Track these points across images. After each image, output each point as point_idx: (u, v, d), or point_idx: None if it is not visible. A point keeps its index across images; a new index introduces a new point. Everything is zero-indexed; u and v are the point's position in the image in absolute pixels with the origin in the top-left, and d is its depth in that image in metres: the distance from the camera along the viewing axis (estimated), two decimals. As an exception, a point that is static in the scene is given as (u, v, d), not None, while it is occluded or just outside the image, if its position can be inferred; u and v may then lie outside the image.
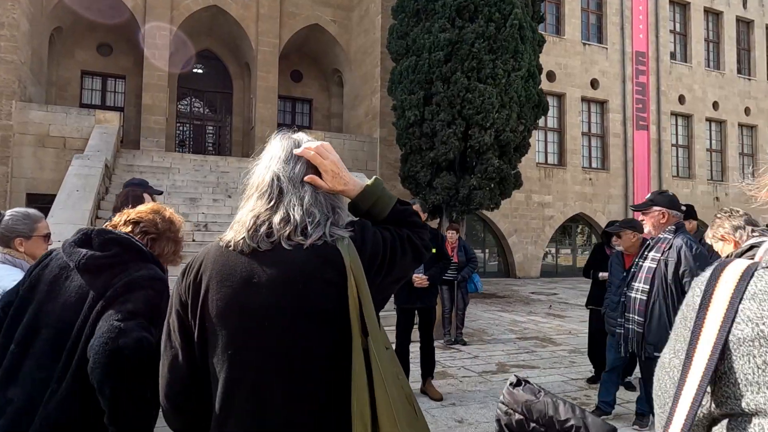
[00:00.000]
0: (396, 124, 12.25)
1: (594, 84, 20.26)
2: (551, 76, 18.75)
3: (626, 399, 4.58)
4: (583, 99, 20.09)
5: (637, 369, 3.93)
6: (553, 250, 19.85)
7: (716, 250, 2.58)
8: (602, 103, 20.56)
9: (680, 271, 2.96)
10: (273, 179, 1.17)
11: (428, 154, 11.55)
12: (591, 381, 5.11)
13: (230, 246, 1.14)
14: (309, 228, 1.13)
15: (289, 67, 18.82)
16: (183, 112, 18.27)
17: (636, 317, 3.10)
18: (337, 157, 1.23)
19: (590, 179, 19.95)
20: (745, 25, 23.85)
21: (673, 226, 3.11)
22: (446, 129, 11.16)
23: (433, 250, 4.68)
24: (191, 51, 16.88)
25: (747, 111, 23.46)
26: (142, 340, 1.41)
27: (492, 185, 11.53)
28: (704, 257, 2.96)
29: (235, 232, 1.15)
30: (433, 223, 13.41)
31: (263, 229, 1.13)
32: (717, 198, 22.37)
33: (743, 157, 23.52)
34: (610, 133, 20.46)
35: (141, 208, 1.80)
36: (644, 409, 3.83)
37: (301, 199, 1.15)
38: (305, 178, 1.18)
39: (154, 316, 1.49)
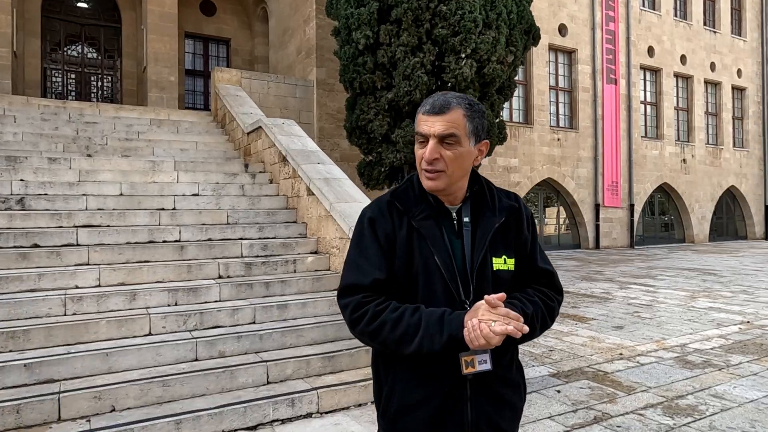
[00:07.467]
0: (339, 54, 8.80)
1: (562, 30, 17.65)
2: (518, 17, 15.84)
3: None
4: (551, 47, 17.47)
5: None
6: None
7: None
8: (570, 53, 18.04)
9: None
10: None
11: (385, 95, 8.29)
12: None
13: None
14: None
15: (197, -3, 14.81)
16: (53, 52, 13.86)
17: None
18: None
19: (558, 139, 17.52)
20: (711, -29, 22.00)
21: None
22: (410, 57, 7.91)
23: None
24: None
25: (713, 66, 21.84)
26: None
27: (471, 138, 8.44)
28: None
29: None
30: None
31: None
32: (684, 160, 20.75)
33: (708, 116, 21.98)
34: (579, 87, 18.03)
35: None
36: None
37: None
38: None
39: None
